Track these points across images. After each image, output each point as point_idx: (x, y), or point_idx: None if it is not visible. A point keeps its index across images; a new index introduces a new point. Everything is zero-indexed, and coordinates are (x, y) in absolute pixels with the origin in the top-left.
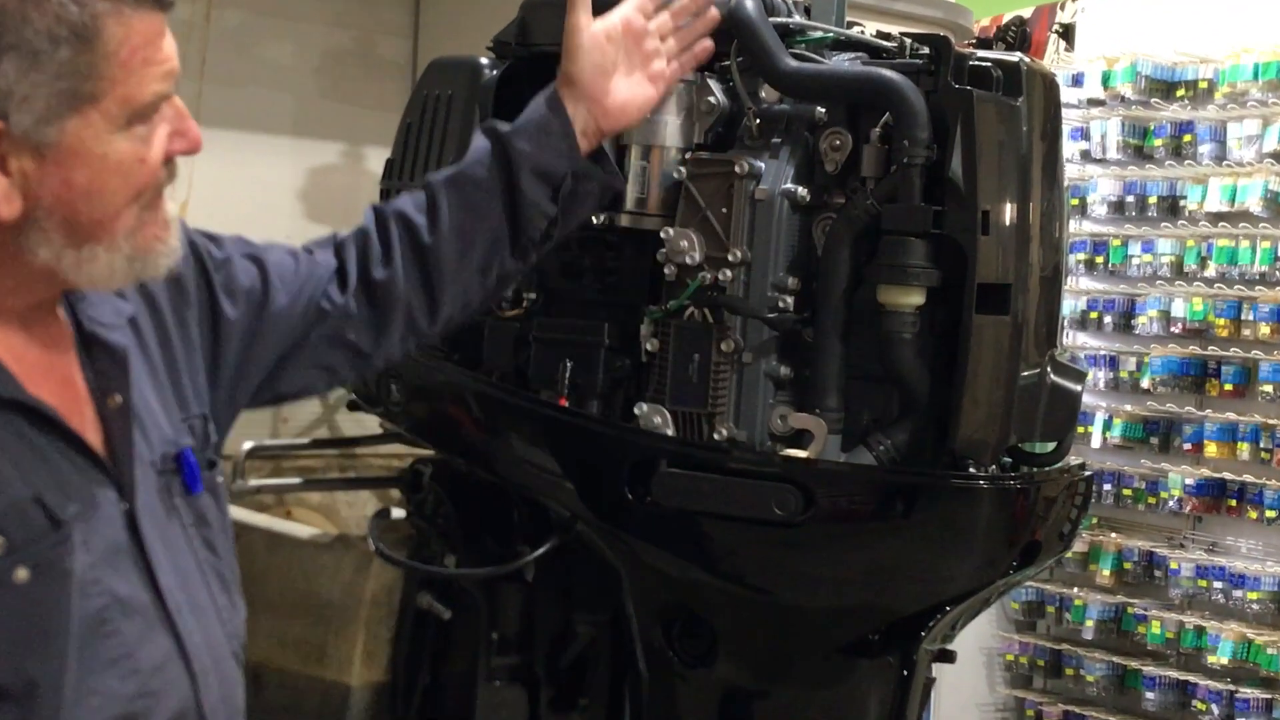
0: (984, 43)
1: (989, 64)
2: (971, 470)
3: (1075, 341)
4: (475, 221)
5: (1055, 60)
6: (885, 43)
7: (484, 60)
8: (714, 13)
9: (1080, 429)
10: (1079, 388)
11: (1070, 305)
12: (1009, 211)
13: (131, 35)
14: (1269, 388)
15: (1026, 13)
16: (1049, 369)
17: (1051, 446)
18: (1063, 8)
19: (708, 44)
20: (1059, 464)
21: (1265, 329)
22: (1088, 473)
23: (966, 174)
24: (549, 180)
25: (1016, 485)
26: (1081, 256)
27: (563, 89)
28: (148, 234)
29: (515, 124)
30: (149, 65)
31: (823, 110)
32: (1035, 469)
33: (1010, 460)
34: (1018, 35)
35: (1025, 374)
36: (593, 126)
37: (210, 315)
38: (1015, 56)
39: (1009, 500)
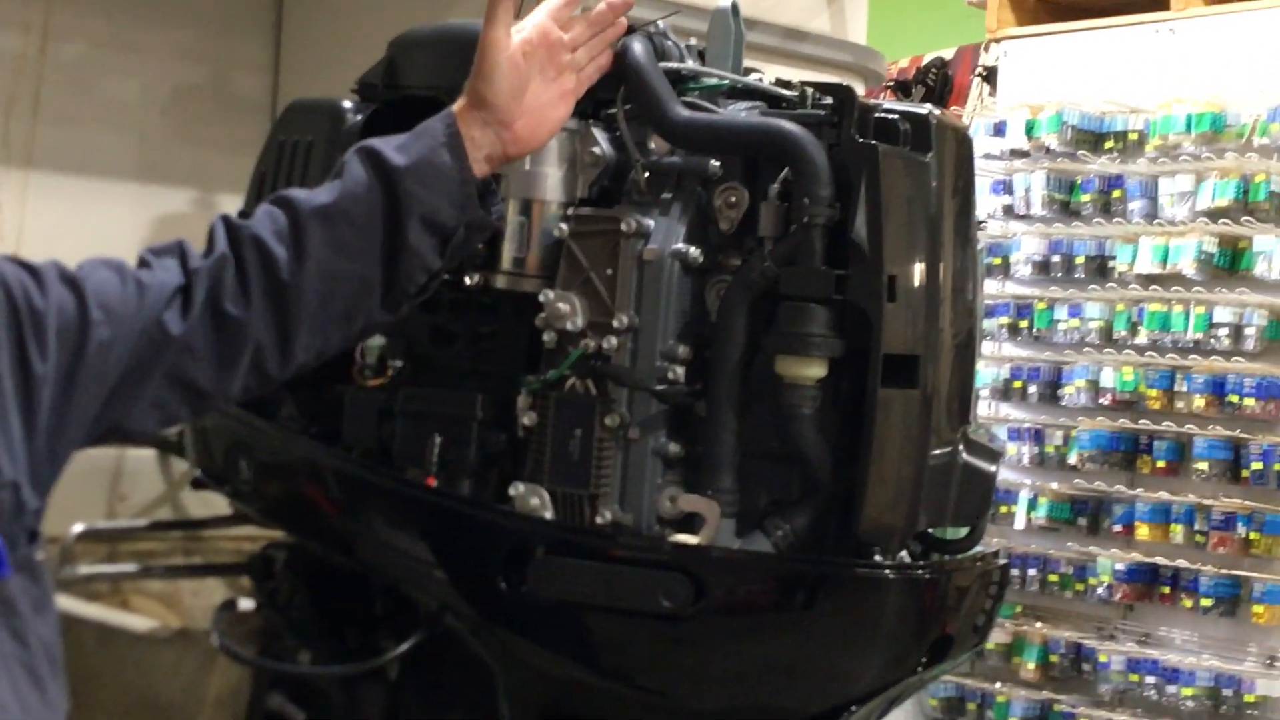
0: (903, 85)
1: (896, 116)
2: (877, 558)
3: (998, 413)
4: (345, 265)
5: (978, 106)
6: (785, 91)
7: (347, 103)
8: (623, 22)
9: (1004, 509)
10: (994, 468)
11: (992, 374)
12: (917, 276)
13: None
14: (1204, 465)
15: (948, 54)
16: (962, 447)
17: (964, 532)
18: (986, 49)
19: (609, 54)
20: (972, 551)
21: (1199, 401)
22: (1003, 560)
23: (871, 235)
24: (438, 231)
25: (926, 575)
26: (1004, 320)
27: (470, 111)
28: None
29: (406, 157)
30: None
31: (717, 164)
32: (946, 556)
33: (920, 547)
34: (939, 78)
35: (936, 453)
36: (499, 152)
37: (20, 365)
38: (924, 108)
39: (918, 591)
